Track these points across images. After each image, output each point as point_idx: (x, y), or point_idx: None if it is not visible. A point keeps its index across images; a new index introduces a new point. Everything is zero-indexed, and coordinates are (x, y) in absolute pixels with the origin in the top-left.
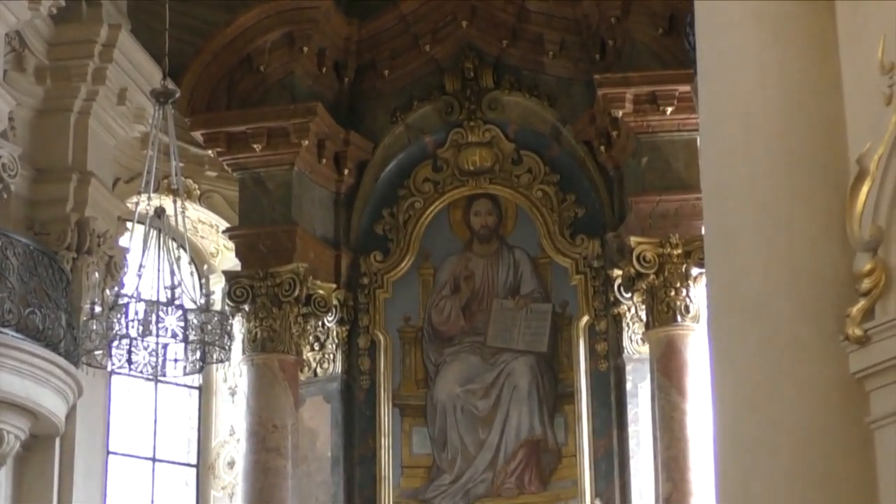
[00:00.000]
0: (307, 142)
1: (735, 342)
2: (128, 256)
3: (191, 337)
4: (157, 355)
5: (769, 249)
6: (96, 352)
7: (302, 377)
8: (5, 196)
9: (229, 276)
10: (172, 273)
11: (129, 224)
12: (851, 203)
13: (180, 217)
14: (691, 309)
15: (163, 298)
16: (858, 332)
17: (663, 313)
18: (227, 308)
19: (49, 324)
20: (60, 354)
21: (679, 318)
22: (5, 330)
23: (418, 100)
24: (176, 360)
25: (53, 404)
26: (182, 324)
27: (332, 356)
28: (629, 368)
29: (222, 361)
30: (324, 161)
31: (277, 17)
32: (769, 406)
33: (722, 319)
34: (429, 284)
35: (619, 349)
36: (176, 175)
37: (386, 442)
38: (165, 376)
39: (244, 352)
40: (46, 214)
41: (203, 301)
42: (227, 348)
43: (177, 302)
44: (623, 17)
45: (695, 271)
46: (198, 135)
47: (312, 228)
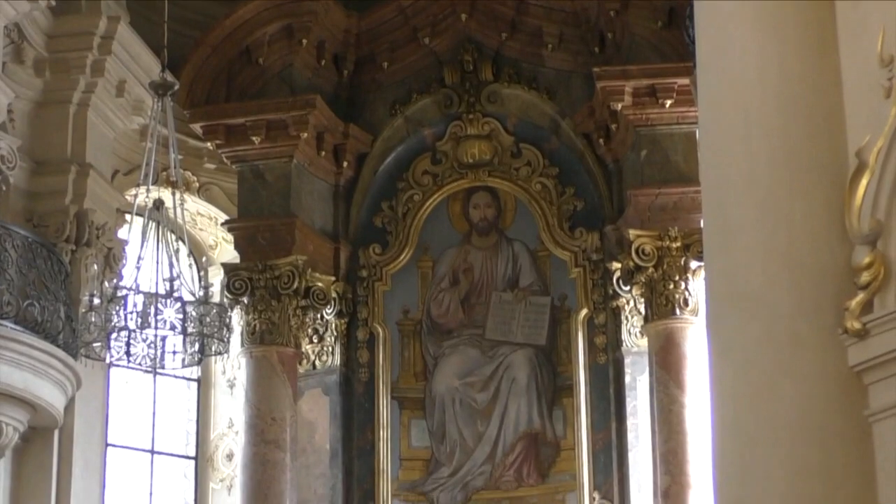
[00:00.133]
0: (306, 134)
1: (734, 335)
2: (126, 248)
3: (189, 329)
4: (156, 347)
5: (768, 242)
6: (95, 344)
7: (301, 370)
8: (4, 188)
9: (228, 269)
10: (171, 265)
11: (128, 216)
12: (850, 196)
13: (179, 209)
14: (690, 302)
15: (161, 290)
16: (857, 326)
17: (662, 306)
18: (226, 300)
19: (48, 316)
20: (59, 346)
21: (678, 312)
22: (4, 322)
23: (417, 92)
24: (175, 353)
25: (52, 396)
26: (181, 316)
27: (331, 349)
28: (628, 361)
29: (221, 354)
30: (323, 153)
31: (276, 10)
32: (768, 399)
33: (721, 312)
34: (428, 277)
35: (618, 342)
36: (175, 167)
37: (384, 434)
38: (164, 368)
39: (243, 344)
40: (45, 206)
41: (202, 293)
42: (226, 340)
43: (175, 294)
44: (622, 10)
45: (694, 264)
46: (197, 127)
47: (311, 221)
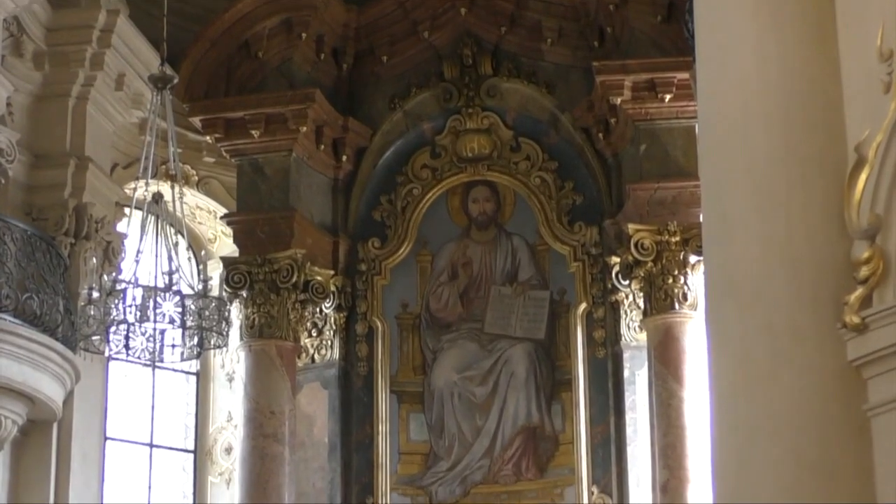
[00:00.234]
0: (305, 128)
1: (733, 330)
2: (125, 242)
3: (188, 323)
4: (155, 341)
5: (767, 237)
6: (94, 337)
7: (299, 363)
8: (3, 181)
9: (227, 262)
10: (170, 259)
11: (127, 210)
12: (850, 191)
13: (178, 203)
14: (689, 296)
15: (160, 284)
16: (856, 320)
17: (661, 301)
18: (225, 294)
19: (47, 309)
20: (58, 340)
21: (677, 306)
22: (3, 315)
23: (417, 86)
24: (173, 346)
25: (51, 389)
26: (180, 309)
27: (330, 342)
28: (627, 356)
29: (220, 347)
30: (322, 147)
31: (276, 4)
32: (766, 393)
33: (720, 307)
34: (427, 271)
35: (617, 336)
36: (174, 161)
37: (383, 428)
38: (163, 362)
39: (242, 338)
40: (44, 200)
41: (201, 287)
42: (225, 334)
43: (174, 288)
44: (622, 5)
45: (693, 259)
46: (196, 121)
47: (310, 215)
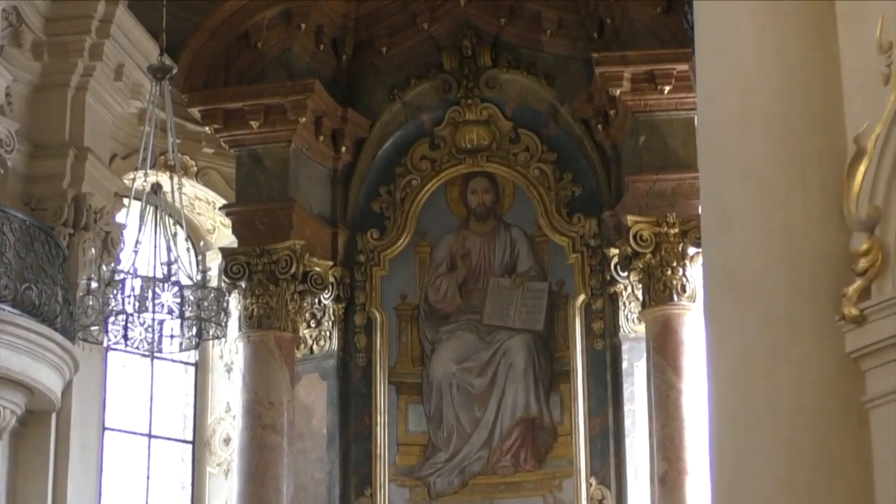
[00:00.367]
0: (304, 119)
1: (731, 322)
2: (124, 232)
3: (187, 313)
4: (154, 331)
5: (766, 229)
6: (92, 327)
7: (298, 354)
8: (2, 171)
9: (226, 253)
10: (169, 249)
11: (126, 200)
12: (848, 183)
13: (177, 193)
14: (688, 288)
15: (159, 275)
16: (855, 312)
17: (660, 292)
18: (224, 284)
19: (45, 299)
20: (57, 330)
21: (675, 298)
22: (2, 305)
23: (416, 77)
24: (172, 337)
25: (50, 380)
26: (178, 300)
27: (329, 333)
28: (625, 347)
29: (218, 338)
30: (321, 138)
31: None
32: (765, 385)
33: (718, 299)
34: (425, 262)
35: (616, 328)
36: (173, 151)
37: (382, 419)
38: (161, 352)
39: (240, 328)
40: (43, 190)
41: (199, 277)
42: (224, 325)
43: (173, 278)
44: None
45: (691, 250)
46: (195, 111)
47: (309, 205)
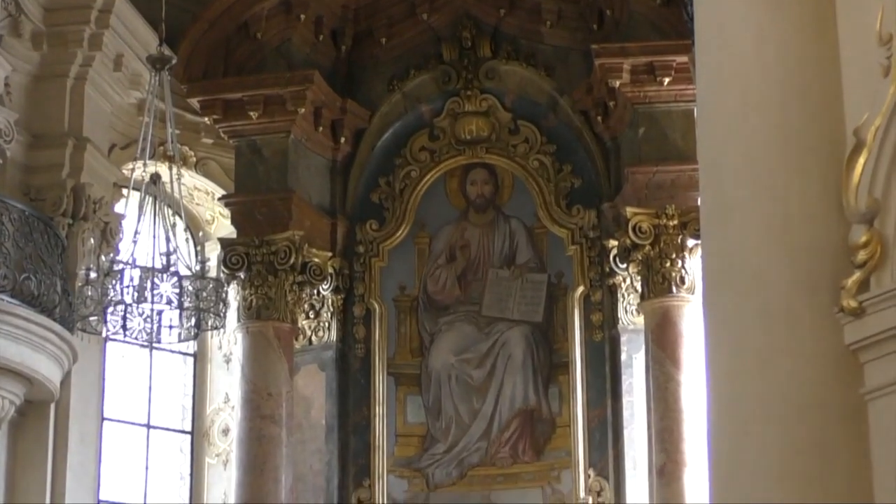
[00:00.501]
0: (304, 109)
1: (730, 313)
2: (123, 223)
3: (186, 304)
4: (152, 322)
5: (765, 221)
6: (91, 318)
7: (297, 345)
8: (1, 161)
9: (225, 244)
10: (168, 240)
11: (125, 190)
12: (848, 174)
13: (176, 184)
14: (687, 280)
15: (158, 265)
16: (853, 304)
17: (658, 284)
18: (223, 275)
19: (44, 290)
20: (55, 320)
21: (674, 290)
22: (1, 296)
23: (415, 68)
24: (171, 327)
25: (48, 370)
26: (177, 290)
27: (327, 324)
28: (624, 339)
29: (217, 328)
30: (320, 129)
31: None
32: (763, 377)
33: (717, 291)
34: (424, 253)
35: (614, 320)
36: (172, 142)
37: (380, 410)
38: (160, 343)
39: (239, 319)
40: (42, 180)
41: (198, 268)
42: (222, 315)
43: (172, 269)
44: None
45: (690, 242)
46: (194, 102)
47: (308, 196)
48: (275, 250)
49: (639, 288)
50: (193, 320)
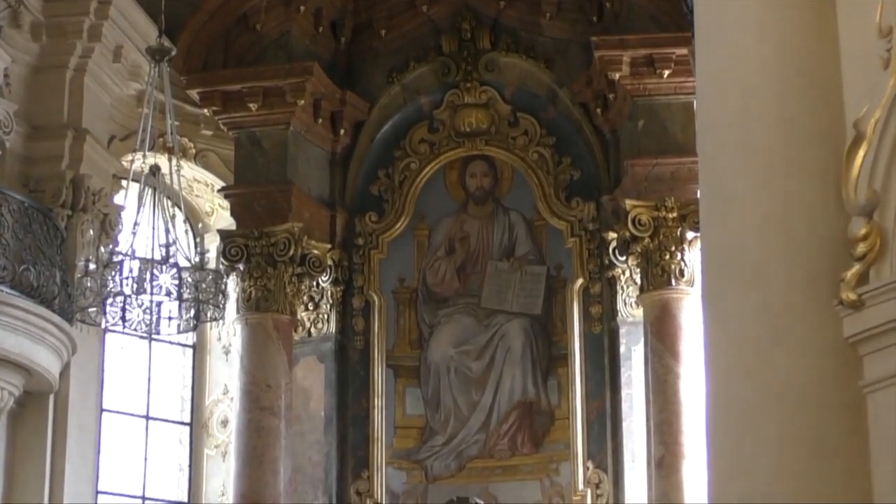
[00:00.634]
0: (303, 101)
1: (729, 306)
2: (122, 214)
3: (185, 295)
4: (152, 313)
5: (764, 213)
6: (90, 309)
7: (296, 337)
8: (0, 153)
9: (224, 235)
10: (167, 231)
11: (125, 182)
12: (847, 167)
13: (175, 175)
14: (686, 272)
15: (157, 256)
16: (853, 297)
17: (658, 277)
18: (222, 267)
19: (43, 281)
20: (55, 311)
21: (673, 282)
22: (0, 287)
23: (415, 60)
24: (170, 318)
25: (47, 361)
26: (176, 282)
27: (327, 316)
28: (623, 331)
29: (216, 320)
30: (320, 121)
31: None
32: (762, 370)
33: (716, 283)
34: (424, 245)
35: (614, 312)
36: (171, 133)
37: (379, 402)
38: (159, 334)
39: (238, 311)
40: (41, 171)
41: (197, 259)
42: (222, 307)
43: (171, 260)
44: None
45: (690, 235)
46: (194, 93)
47: (308, 188)
48: (274, 242)
49: (638, 280)
50: (192, 312)
